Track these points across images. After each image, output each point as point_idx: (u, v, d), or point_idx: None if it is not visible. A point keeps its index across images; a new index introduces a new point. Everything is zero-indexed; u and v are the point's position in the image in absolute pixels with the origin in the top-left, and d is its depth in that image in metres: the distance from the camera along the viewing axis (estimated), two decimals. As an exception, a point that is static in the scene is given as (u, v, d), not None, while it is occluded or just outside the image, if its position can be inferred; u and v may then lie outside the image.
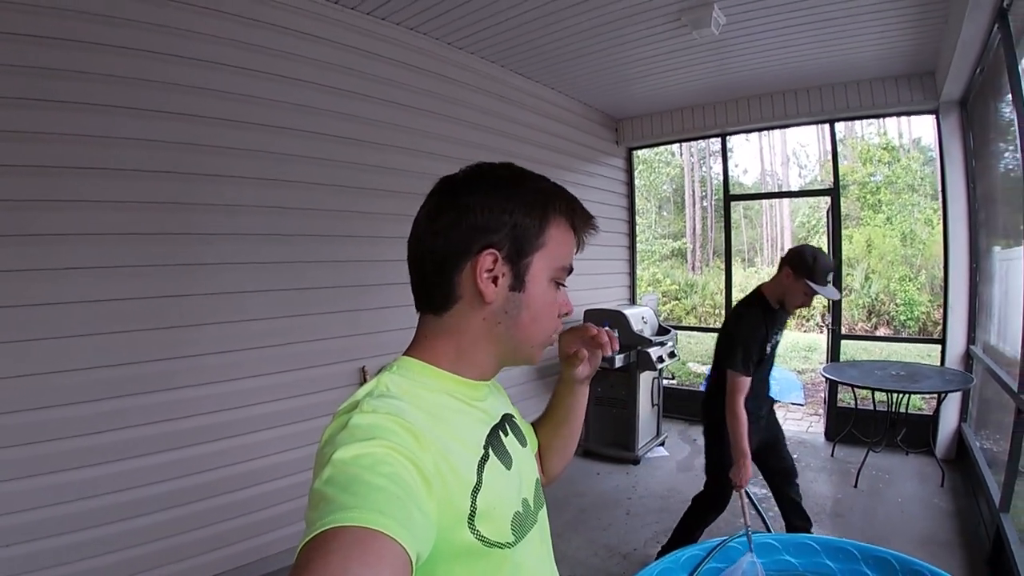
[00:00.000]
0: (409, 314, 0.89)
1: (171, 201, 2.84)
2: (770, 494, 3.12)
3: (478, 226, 0.80)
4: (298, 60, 3.29)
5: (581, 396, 1.14)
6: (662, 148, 16.04)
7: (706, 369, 8.65)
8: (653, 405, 5.12)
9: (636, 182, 6.66)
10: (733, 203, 6.40)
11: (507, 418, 0.94)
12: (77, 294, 2.57)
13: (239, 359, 3.07)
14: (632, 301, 6.54)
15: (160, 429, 2.81)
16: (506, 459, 0.85)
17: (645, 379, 4.92)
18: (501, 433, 0.88)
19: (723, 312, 12.17)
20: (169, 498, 2.83)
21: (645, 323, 5.08)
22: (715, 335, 5.95)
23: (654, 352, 4.75)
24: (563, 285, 0.88)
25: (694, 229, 17.60)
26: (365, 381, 2.80)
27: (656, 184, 17.41)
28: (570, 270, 0.87)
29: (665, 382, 5.73)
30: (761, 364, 2.75)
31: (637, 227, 6.66)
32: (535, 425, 1.16)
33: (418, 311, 0.88)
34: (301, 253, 3.31)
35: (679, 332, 6.01)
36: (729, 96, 5.47)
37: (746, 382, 2.63)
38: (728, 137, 6.02)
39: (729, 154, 6.22)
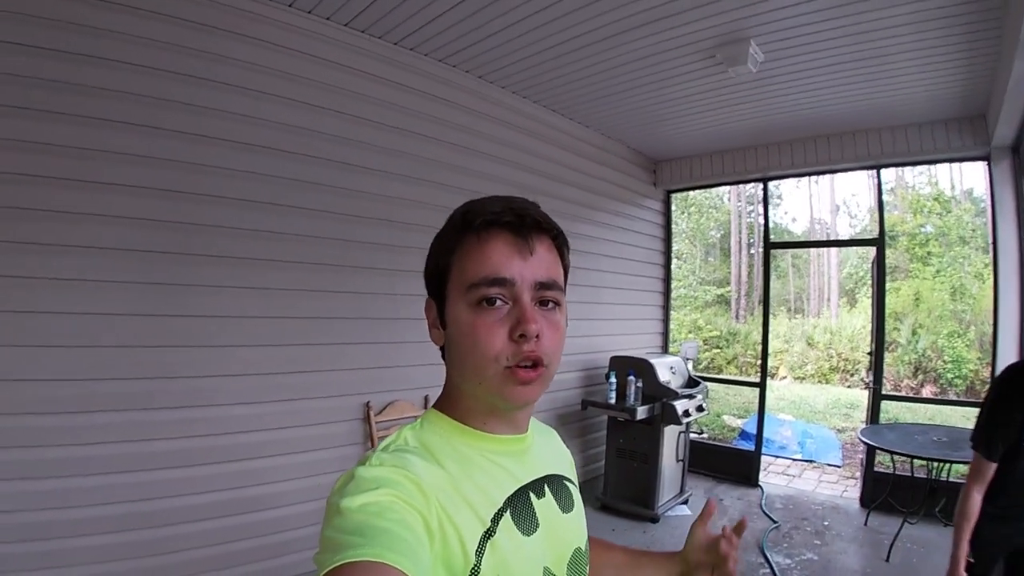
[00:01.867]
0: (423, 351, 0.81)
1: (185, 221, 2.84)
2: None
3: (426, 281, 0.85)
4: (331, 90, 3.33)
5: None
6: (711, 192, 15.79)
7: (742, 423, 8.28)
8: (678, 460, 4.82)
9: (683, 225, 6.47)
10: (778, 251, 6.13)
11: (550, 479, 0.88)
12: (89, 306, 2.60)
13: (250, 384, 3.05)
14: (664, 350, 6.28)
15: (177, 445, 2.82)
16: (528, 524, 0.79)
17: (670, 433, 4.63)
18: (532, 495, 0.83)
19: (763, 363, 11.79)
20: (181, 513, 2.82)
21: (674, 373, 4.85)
22: (755, 389, 5.71)
23: (680, 405, 4.48)
24: (503, 303, 0.76)
25: (739, 276, 17.20)
26: (368, 417, 2.93)
27: (704, 229, 17.11)
28: (497, 280, 0.75)
29: (694, 436, 5.45)
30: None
31: (680, 272, 6.43)
32: (609, 549, 1.08)
33: None
34: (317, 281, 3.29)
35: (716, 383, 5.74)
36: (770, 139, 5.26)
37: (986, 468, 2.03)
38: (771, 182, 5.79)
39: (778, 201, 6.06)
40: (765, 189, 5.93)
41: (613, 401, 4.62)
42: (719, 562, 1.00)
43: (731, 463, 5.64)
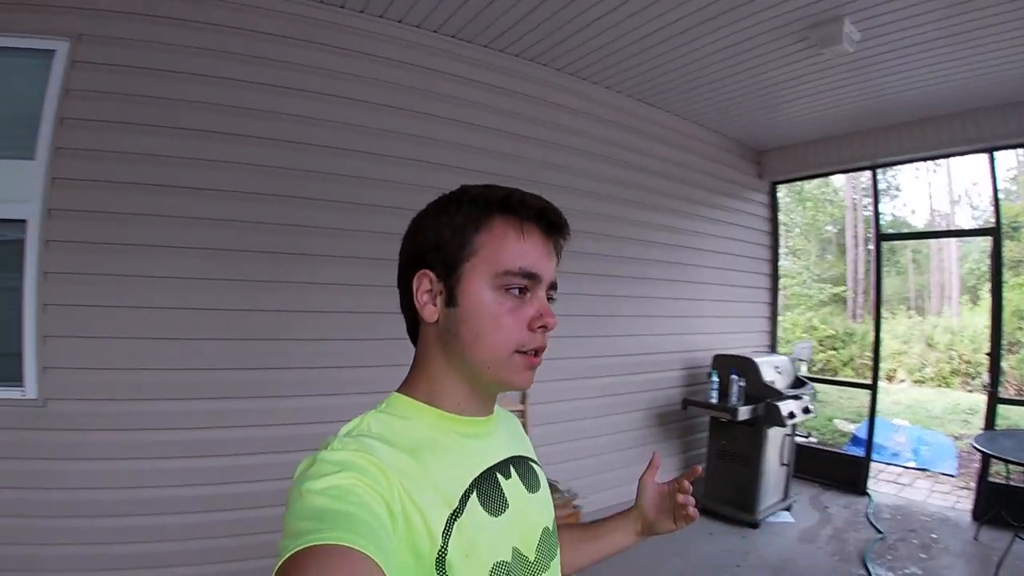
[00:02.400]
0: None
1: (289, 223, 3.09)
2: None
3: (414, 251, 0.83)
4: (430, 96, 3.53)
5: (629, 542, 1.14)
6: (827, 184, 14.93)
7: (855, 428, 7.86)
8: (782, 464, 4.61)
9: (797, 219, 6.14)
10: (897, 246, 5.75)
11: (515, 460, 0.90)
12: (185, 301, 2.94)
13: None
14: (772, 349, 6.02)
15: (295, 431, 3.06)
16: (496, 505, 0.81)
17: (774, 435, 4.45)
18: (499, 475, 0.84)
19: (883, 365, 11.03)
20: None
21: (779, 373, 4.66)
22: (868, 391, 5.38)
23: (785, 406, 4.30)
24: (524, 292, 0.81)
25: (855, 273, 16.21)
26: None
27: (819, 224, 16.21)
28: (528, 274, 0.80)
29: (800, 439, 5.22)
30: None
31: (794, 268, 6.11)
32: (560, 530, 1.04)
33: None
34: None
35: (827, 385, 5.44)
36: (876, 123, 4.94)
37: None
38: (884, 170, 5.40)
39: (896, 192, 5.63)
40: (874, 176, 5.56)
41: (715, 400, 4.49)
42: (678, 508, 1.09)
43: (839, 469, 5.34)
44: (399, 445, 0.74)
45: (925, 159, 5.44)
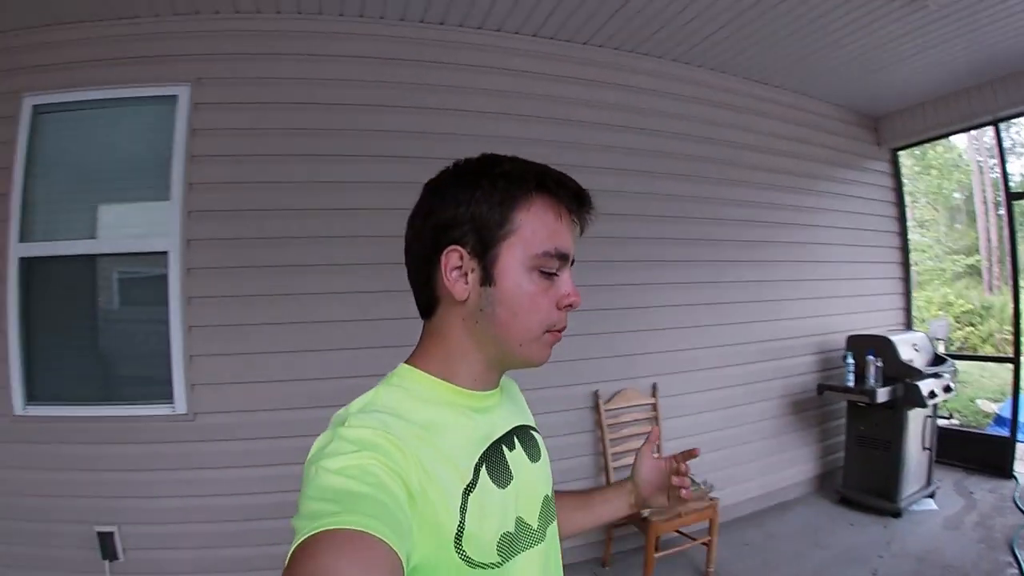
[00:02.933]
0: (651, 338, 0.82)
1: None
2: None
3: (441, 224, 0.79)
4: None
5: (617, 514, 1.14)
6: (949, 148, 13.88)
7: (998, 407, 7.24)
8: (924, 449, 4.32)
9: (922, 187, 5.66)
10: (1021, 206, 5.18)
11: (518, 431, 0.91)
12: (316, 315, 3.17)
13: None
14: (908, 326, 5.61)
15: None
16: (502, 477, 0.81)
17: (915, 417, 4.17)
18: (504, 447, 0.85)
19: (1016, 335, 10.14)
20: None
21: (917, 351, 4.37)
22: (1009, 366, 4.94)
23: (925, 385, 4.03)
24: (555, 273, 0.81)
25: (987, 241, 14.91)
26: (597, 406, 3.17)
27: (946, 192, 15.03)
28: (563, 256, 0.81)
29: (942, 422, 4.85)
30: None
31: (924, 242, 5.63)
32: (557, 497, 1.06)
33: (421, 318, 0.88)
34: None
35: (965, 361, 5.01)
36: (995, 72, 4.45)
37: None
38: (1003, 124, 4.90)
39: (1021, 149, 5.06)
40: (997, 132, 5.02)
41: (851, 384, 4.25)
42: (672, 488, 1.08)
43: (982, 452, 4.94)
44: (414, 420, 0.74)
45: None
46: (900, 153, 5.66)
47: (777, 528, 4.04)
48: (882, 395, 4.01)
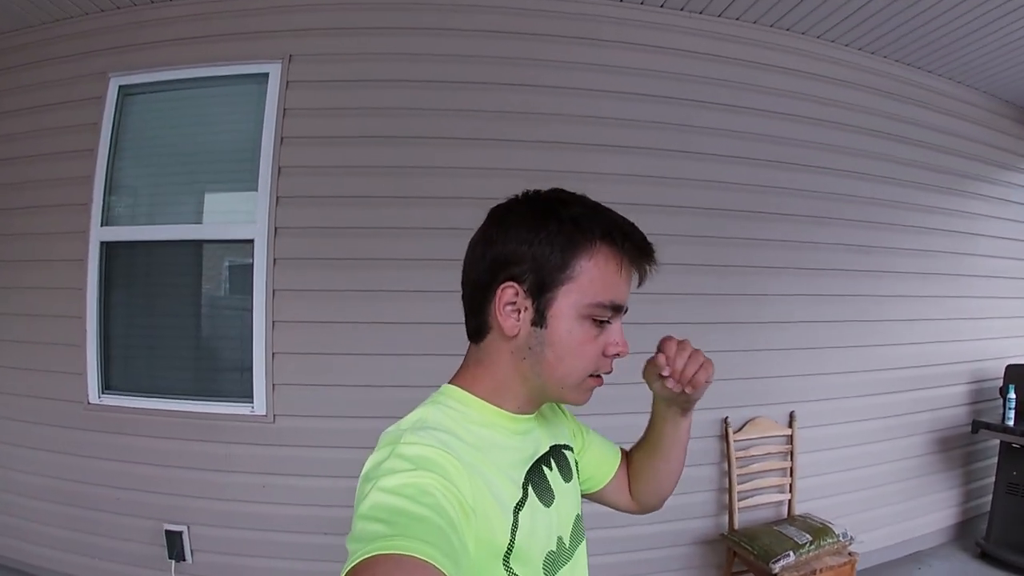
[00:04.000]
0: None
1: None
2: None
3: (501, 257, 0.79)
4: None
5: (673, 424, 1.01)
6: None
7: None
8: (1095, 501, 3.66)
9: None
10: None
11: (556, 450, 0.92)
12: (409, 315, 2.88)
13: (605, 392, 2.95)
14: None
15: None
16: (547, 496, 0.84)
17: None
18: (544, 468, 0.87)
19: None
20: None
21: (1092, 387, 3.68)
22: None
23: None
24: (607, 322, 0.80)
25: None
26: (726, 435, 3.10)
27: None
28: (616, 308, 0.80)
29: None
30: None
31: None
32: (632, 449, 1.13)
33: (468, 338, 0.87)
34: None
35: None
36: None
37: None
38: None
39: None
40: None
41: (1012, 423, 3.63)
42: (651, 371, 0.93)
43: None
44: (466, 439, 0.75)
45: None
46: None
47: (910, 584, 3.52)
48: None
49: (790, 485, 3.26)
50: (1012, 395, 3.64)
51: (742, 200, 3.22)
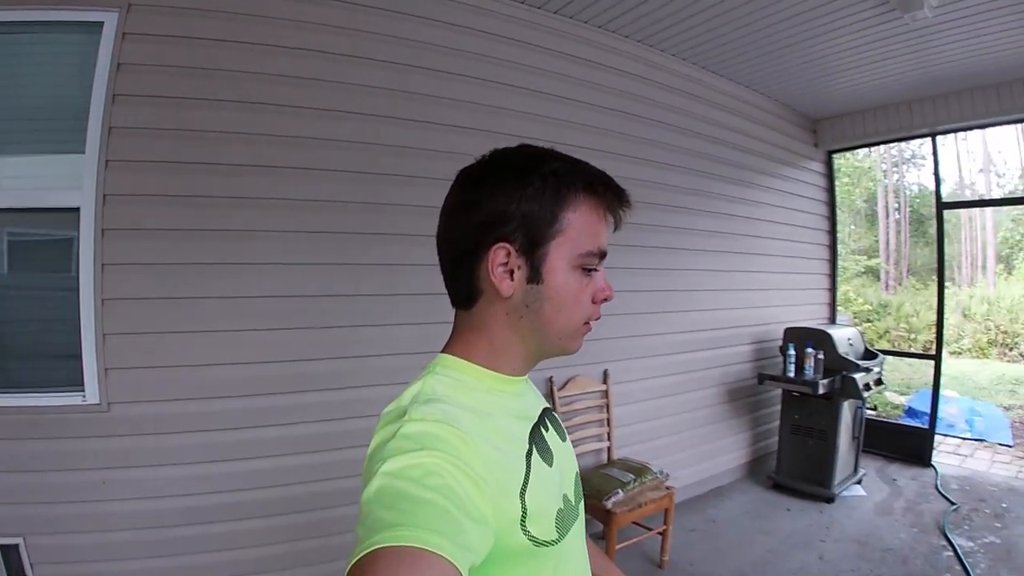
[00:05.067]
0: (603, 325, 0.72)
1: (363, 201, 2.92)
2: None
3: (487, 220, 0.78)
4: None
5: None
6: (862, 156, 14.63)
7: (905, 399, 7.68)
8: (853, 438, 4.52)
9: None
10: (924, 218, 5.48)
11: (546, 412, 0.93)
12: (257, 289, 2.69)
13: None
14: (832, 320, 5.91)
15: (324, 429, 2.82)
16: (548, 456, 0.84)
17: (847, 408, 4.35)
18: (542, 429, 0.88)
19: (919, 337, 10.73)
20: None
21: (851, 345, 4.56)
22: (915, 360, 5.16)
23: (861, 378, 4.20)
24: (594, 270, 0.84)
25: (887, 244, 15.91)
26: (552, 392, 3.06)
27: (851, 196, 15.86)
28: (602, 254, 0.84)
29: (868, 413, 5.08)
30: None
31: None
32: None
33: (452, 306, 0.87)
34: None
35: (890, 356, 5.26)
36: (938, 90, 4.70)
37: None
38: (939, 137, 5.15)
39: (921, 161, 5.58)
40: (934, 144, 5.24)
41: (793, 375, 4.36)
42: None
43: (902, 442, 5.23)
44: (469, 407, 0.75)
45: (988, 125, 5.09)
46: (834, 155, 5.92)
47: (717, 514, 4.11)
48: (823, 386, 4.14)
49: (608, 434, 3.70)
50: (792, 352, 4.38)
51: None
